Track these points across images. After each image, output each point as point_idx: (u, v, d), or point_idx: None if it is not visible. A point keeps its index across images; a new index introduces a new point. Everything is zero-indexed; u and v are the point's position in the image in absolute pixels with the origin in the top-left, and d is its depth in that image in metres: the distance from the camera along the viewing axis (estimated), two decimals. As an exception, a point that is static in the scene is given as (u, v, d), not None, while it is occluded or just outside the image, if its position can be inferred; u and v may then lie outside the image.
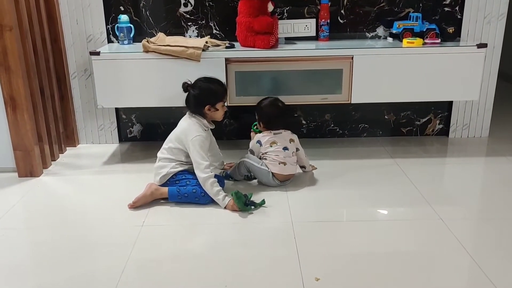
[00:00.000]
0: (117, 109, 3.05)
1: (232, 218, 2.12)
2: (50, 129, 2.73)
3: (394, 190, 2.37)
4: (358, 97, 2.65)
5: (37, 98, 2.57)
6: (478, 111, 3.05)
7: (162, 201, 2.26)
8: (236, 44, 2.73)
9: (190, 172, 2.29)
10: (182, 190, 2.22)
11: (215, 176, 2.25)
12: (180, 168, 2.29)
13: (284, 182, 2.41)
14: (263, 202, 2.21)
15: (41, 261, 1.83)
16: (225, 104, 2.43)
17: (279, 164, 2.37)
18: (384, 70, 2.60)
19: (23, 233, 2.05)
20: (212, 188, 2.20)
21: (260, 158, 2.43)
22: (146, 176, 2.44)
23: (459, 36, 2.87)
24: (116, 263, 1.79)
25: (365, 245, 1.90)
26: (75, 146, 3.04)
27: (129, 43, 2.84)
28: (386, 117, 3.10)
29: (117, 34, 2.83)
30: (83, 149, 3.01)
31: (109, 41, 2.90)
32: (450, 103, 3.06)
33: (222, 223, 2.09)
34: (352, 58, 2.59)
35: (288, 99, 2.65)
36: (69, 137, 3.00)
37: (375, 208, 2.21)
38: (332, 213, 2.17)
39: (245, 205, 2.15)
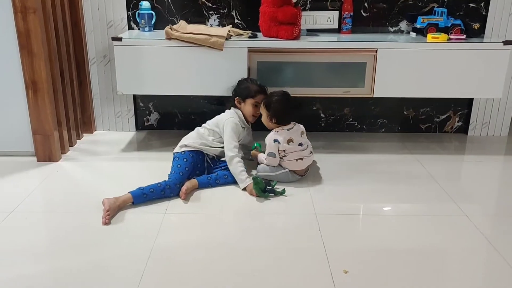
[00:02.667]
0: (134, 97, 3.03)
1: (254, 207, 2.11)
2: (68, 114, 2.71)
3: (416, 186, 2.35)
4: (381, 91, 2.63)
5: (57, 83, 2.55)
6: (499, 109, 3.02)
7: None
8: (259, 34, 2.71)
9: (195, 156, 2.35)
10: (146, 188, 2.14)
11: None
12: (198, 147, 2.37)
13: (304, 174, 2.39)
14: (283, 191, 2.20)
15: (64, 247, 1.81)
16: (257, 105, 2.45)
17: (296, 161, 2.33)
18: (408, 64, 2.57)
19: (44, 218, 2.04)
20: (237, 166, 2.28)
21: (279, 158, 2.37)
22: (163, 164, 2.44)
23: (483, 33, 2.84)
24: (141, 250, 1.77)
25: (391, 239, 1.88)
26: (92, 133, 3.02)
27: (149, 30, 2.81)
28: (405, 112, 3.08)
29: (138, 21, 2.80)
30: (100, 136, 2.99)
31: (130, 27, 2.88)
32: (470, 101, 3.04)
33: (245, 212, 2.07)
34: (376, 51, 2.56)
35: (310, 91, 2.64)
36: (86, 123, 2.98)
37: (399, 203, 2.19)
38: (356, 206, 2.15)
39: (263, 191, 2.15)
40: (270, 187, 2.20)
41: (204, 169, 2.39)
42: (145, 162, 2.62)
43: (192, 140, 2.41)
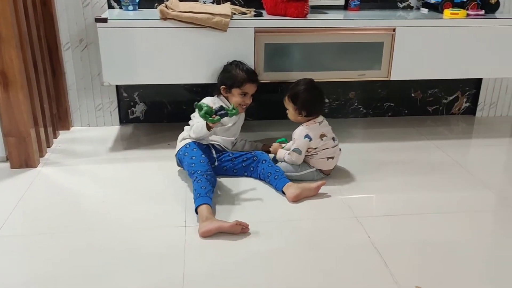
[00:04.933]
0: (117, 87, 2.65)
1: (283, 214, 1.84)
2: (44, 110, 2.31)
3: (450, 176, 2.16)
4: (398, 73, 2.41)
5: (31, 73, 2.14)
6: (507, 88, 2.89)
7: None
8: (263, 12, 2.40)
9: (201, 145, 2.07)
10: (201, 192, 1.82)
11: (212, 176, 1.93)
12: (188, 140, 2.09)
13: (329, 173, 2.14)
14: (236, 111, 1.94)
15: (72, 279, 1.47)
16: (245, 95, 2.17)
17: (327, 160, 2.08)
18: (427, 43, 2.36)
19: (36, 243, 1.65)
20: (194, 133, 2.04)
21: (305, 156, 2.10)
22: (160, 164, 2.22)
23: (499, 7, 2.66)
24: (171, 277, 1.46)
25: (461, 244, 1.66)
26: (69, 129, 2.62)
27: (134, 10, 2.43)
28: (413, 95, 2.89)
29: (120, -2, 2.42)
30: (79, 133, 2.60)
31: (110, 6, 2.48)
32: (478, 80, 2.89)
33: (274, 221, 1.79)
34: (394, 30, 2.33)
35: (324, 76, 2.38)
36: (61, 119, 2.58)
37: (444, 197, 1.97)
38: (397, 205, 1.91)
39: (208, 114, 1.88)
40: (223, 111, 1.91)
41: (214, 160, 2.09)
42: (139, 163, 2.26)
43: (187, 133, 2.13)
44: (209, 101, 2.14)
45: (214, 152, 2.11)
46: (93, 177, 2.12)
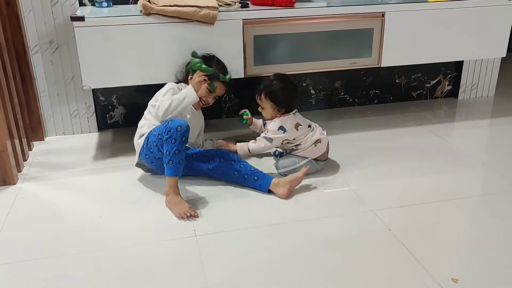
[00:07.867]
0: (94, 90, 2.46)
1: (295, 215, 1.74)
2: (17, 119, 2.10)
3: (451, 159, 2.14)
4: (389, 60, 2.37)
5: (1, 81, 1.93)
6: (486, 69, 2.92)
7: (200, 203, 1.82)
8: (248, 3, 2.29)
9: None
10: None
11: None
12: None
13: (326, 159, 2.07)
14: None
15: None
16: (210, 91, 2.02)
17: (315, 145, 2.00)
18: (416, 28, 2.33)
19: (33, 268, 1.49)
20: (174, 102, 1.87)
21: (287, 151, 2.05)
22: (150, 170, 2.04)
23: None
24: (193, 293, 1.35)
25: (477, 228, 1.64)
26: (43, 140, 2.41)
27: (108, 6, 2.26)
28: (397, 81, 2.86)
29: (92, -6, 2.24)
30: (55, 143, 2.39)
31: (81, 4, 2.29)
32: (459, 63, 2.90)
33: (287, 222, 1.69)
34: (383, 15, 2.28)
35: (315, 66, 2.31)
36: (34, 129, 2.37)
37: (451, 181, 1.95)
38: (407, 193, 1.86)
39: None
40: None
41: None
42: (125, 171, 2.08)
43: (147, 127, 1.92)
44: (174, 86, 2.01)
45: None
46: (80, 190, 1.94)
